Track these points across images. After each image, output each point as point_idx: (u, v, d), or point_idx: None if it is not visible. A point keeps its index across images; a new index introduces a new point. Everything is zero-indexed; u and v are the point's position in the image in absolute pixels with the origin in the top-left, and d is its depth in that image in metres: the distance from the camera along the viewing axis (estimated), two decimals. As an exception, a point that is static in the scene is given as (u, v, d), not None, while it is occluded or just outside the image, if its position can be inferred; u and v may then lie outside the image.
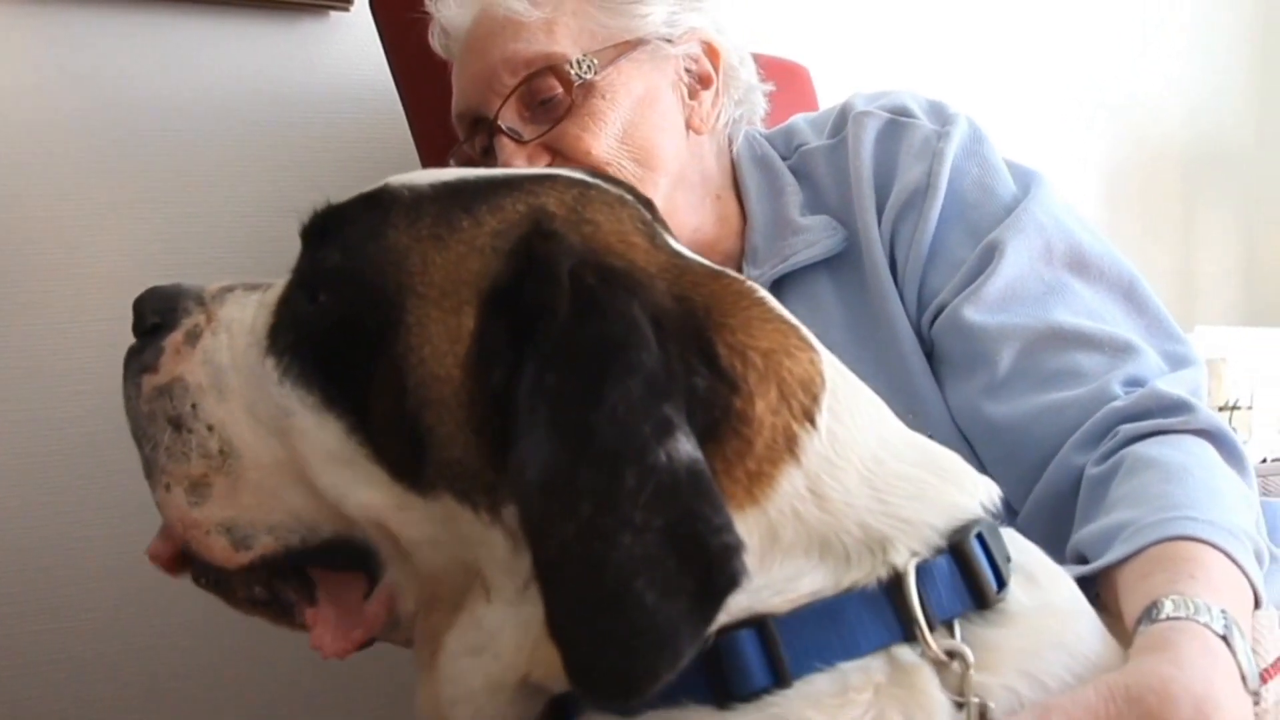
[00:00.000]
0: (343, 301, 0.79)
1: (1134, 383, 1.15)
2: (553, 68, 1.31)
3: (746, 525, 0.71)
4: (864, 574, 0.72)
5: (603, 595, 0.64)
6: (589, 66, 1.32)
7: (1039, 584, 0.78)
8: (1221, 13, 3.12)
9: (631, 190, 0.89)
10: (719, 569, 0.66)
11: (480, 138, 1.38)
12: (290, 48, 1.98)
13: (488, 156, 1.37)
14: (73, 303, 1.85)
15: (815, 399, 0.77)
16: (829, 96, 1.93)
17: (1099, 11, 2.93)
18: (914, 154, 1.32)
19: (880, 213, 1.32)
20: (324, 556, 0.83)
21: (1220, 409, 2.61)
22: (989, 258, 1.24)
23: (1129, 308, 1.24)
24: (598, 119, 1.31)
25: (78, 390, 1.85)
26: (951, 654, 0.71)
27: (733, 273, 0.83)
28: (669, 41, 1.37)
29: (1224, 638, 0.80)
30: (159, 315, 0.87)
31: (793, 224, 1.36)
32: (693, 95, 1.40)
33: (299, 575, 0.86)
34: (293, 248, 0.85)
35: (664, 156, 1.34)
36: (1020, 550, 0.80)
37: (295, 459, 0.80)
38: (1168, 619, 0.81)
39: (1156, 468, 1.04)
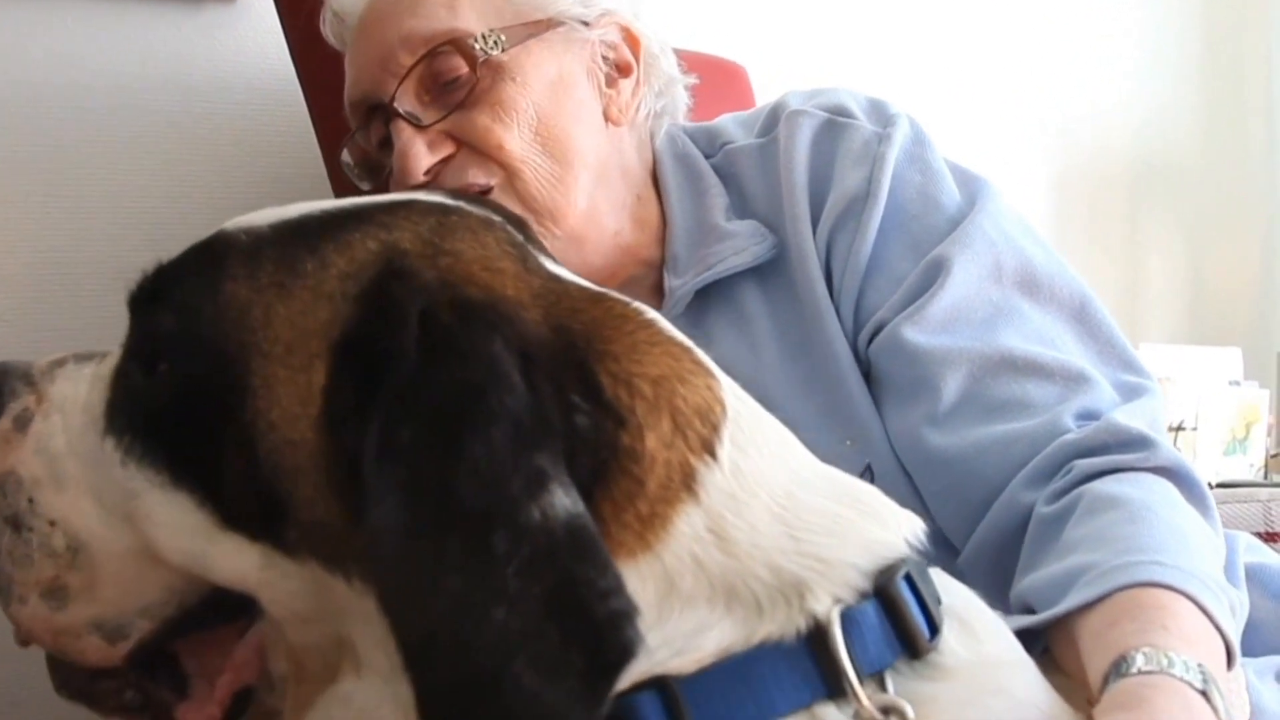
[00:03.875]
0: (183, 369, 0.74)
1: (1087, 415, 1.11)
2: (455, 42, 1.25)
3: (639, 575, 0.67)
4: (779, 625, 0.68)
5: (478, 679, 0.60)
6: (496, 42, 1.25)
7: (973, 631, 0.74)
8: (1170, 27, 3.17)
9: (499, 209, 0.85)
10: (609, 640, 0.61)
11: (376, 127, 1.32)
12: (193, 33, 1.93)
13: (385, 149, 1.31)
14: None
15: (715, 429, 0.73)
16: (767, 98, 1.91)
17: (1047, 23, 2.95)
18: (853, 158, 1.26)
19: (815, 221, 1.27)
20: (204, 616, 0.79)
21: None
22: (934, 274, 1.19)
23: (1081, 332, 1.20)
24: (509, 108, 1.25)
25: None
26: (887, 710, 0.66)
27: (616, 294, 0.79)
28: (584, 24, 1.32)
29: (1203, 693, 0.76)
30: None
31: (717, 229, 1.30)
32: (610, 84, 1.34)
33: (169, 669, 0.81)
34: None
35: (581, 149, 1.28)
36: (949, 592, 0.76)
37: (147, 542, 0.75)
38: (1140, 673, 0.78)
39: (1118, 508, 0.99)
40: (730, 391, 0.77)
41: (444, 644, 0.60)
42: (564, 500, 0.62)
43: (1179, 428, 2.63)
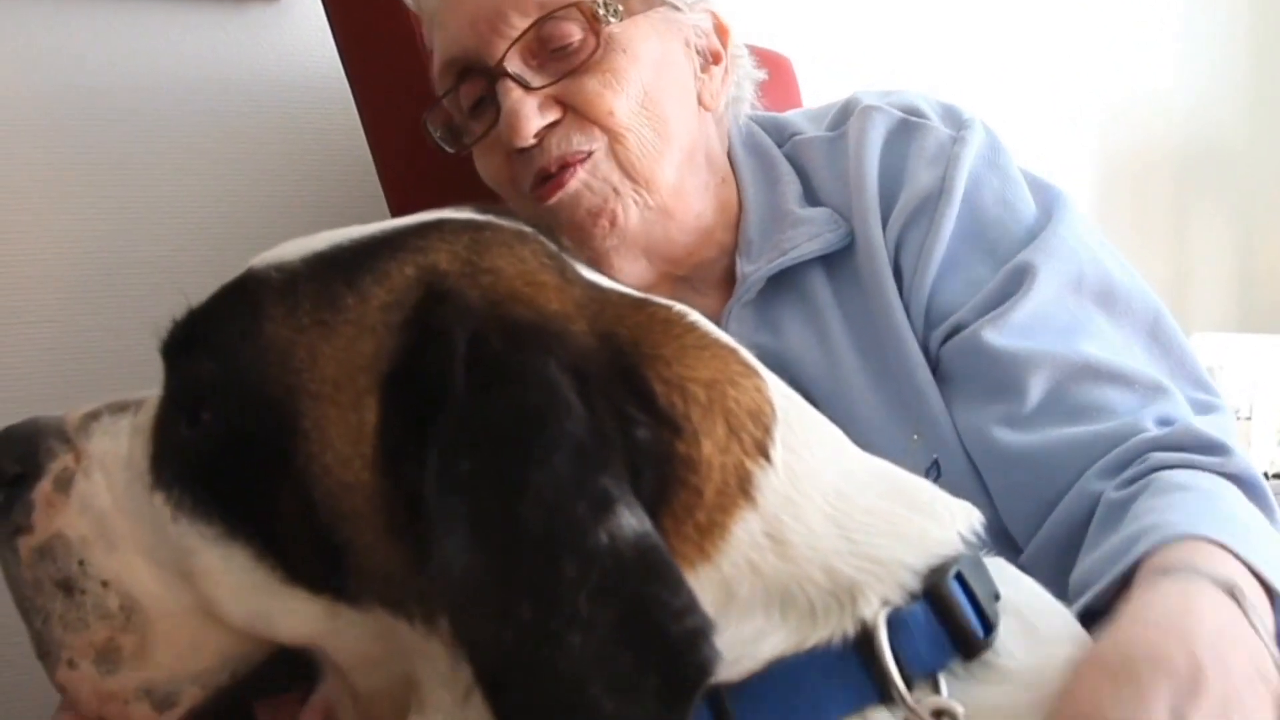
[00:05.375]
0: (228, 417, 0.73)
1: (1166, 422, 1.13)
2: (579, 5, 1.26)
3: (699, 585, 0.67)
4: (830, 630, 0.68)
5: (556, 705, 0.60)
6: (615, 11, 1.27)
7: (1033, 627, 0.74)
8: (1217, 14, 3.17)
9: (530, 222, 0.85)
10: (685, 660, 0.61)
11: (468, 89, 1.32)
12: (237, 32, 1.94)
13: (477, 111, 1.32)
14: (7, 299, 1.78)
15: (767, 430, 0.73)
16: (812, 90, 1.93)
17: (1092, 10, 2.95)
18: (927, 159, 1.29)
19: (885, 218, 1.29)
20: (260, 684, 0.78)
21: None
22: (1019, 281, 1.22)
23: (1154, 349, 1.22)
24: (620, 77, 1.26)
25: (9, 396, 1.76)
26: (939, 712, 0.67)
27: (658, 299, 0.80)
28: (682, 8, 1.35)
29: (1229, 594, 0.79)
30: (19, 463, 0.80)
31: (791, 215, 1.33)
32: (704, 69, 1.37)
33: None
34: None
35: (677, 128, 1.30)
36: (1009, 583, 0.76)
37: (206, 601, 0.75)
38: (1158, 572, 0.82)
39: (1186, 490, 1.01)
40: (778, 391, 0.77)
41: (521, 672, 0.60)
42: (630, 521, 0.63)
43: (1232, 417, 2.60)
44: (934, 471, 1.20)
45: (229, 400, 0.73)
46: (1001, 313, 1.20)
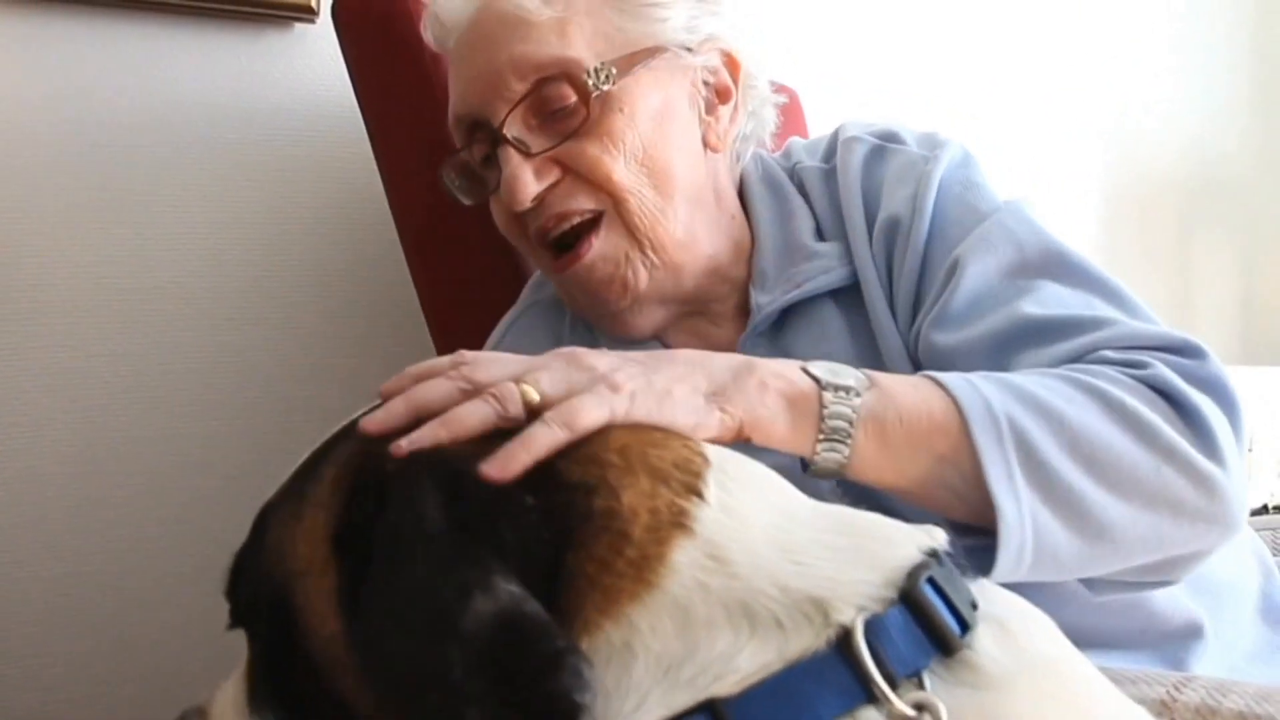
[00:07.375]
0: (264, 626, 0.85)
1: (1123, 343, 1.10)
2: (568, 74, 1.29)
3: (651, 611, 0.72)
4: (809, 640, 0.71)
5: None
6: (608, 76, 1.29)
7: (1011, 633, 0.75)
8: (1220, 42, 3.06)
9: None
10: (559, 707, 0.68)
11: (480, 145, 1.37)
12: (252, 61, 1.99)
13: (488, 165, 1.37)
14: (19, 325, 1.84)
15: (698, 474, 0.79)
16: (818, 121, 1.94)
17: (1096, 39, 2.90)
18: (898, 178, 1.31)
19: (871, 239, 1.31)
20: None
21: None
22: (949, 274, 1.21)
23: (1112, 300, 1.17)
24: (617, 139, 1.30)
25: (15, 421, 1.84)
26: (920, 706, 0.69)
27: None
28: (688, 50, 1.36)
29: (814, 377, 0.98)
30: None
31: (805, 248, 1.35)
32: (710, 111, 1.40)
33: None
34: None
35: (680, 180, 1.34)
36: (988, 599, 0.78)
37: None
38: None
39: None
40: (715, 449, 0.82)
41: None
42: (486, 603, 0.69)
43: (1233, 449, 2.60)
44: None
45: (259, 610, 0.84)
46: (939, 310, 1.20)
